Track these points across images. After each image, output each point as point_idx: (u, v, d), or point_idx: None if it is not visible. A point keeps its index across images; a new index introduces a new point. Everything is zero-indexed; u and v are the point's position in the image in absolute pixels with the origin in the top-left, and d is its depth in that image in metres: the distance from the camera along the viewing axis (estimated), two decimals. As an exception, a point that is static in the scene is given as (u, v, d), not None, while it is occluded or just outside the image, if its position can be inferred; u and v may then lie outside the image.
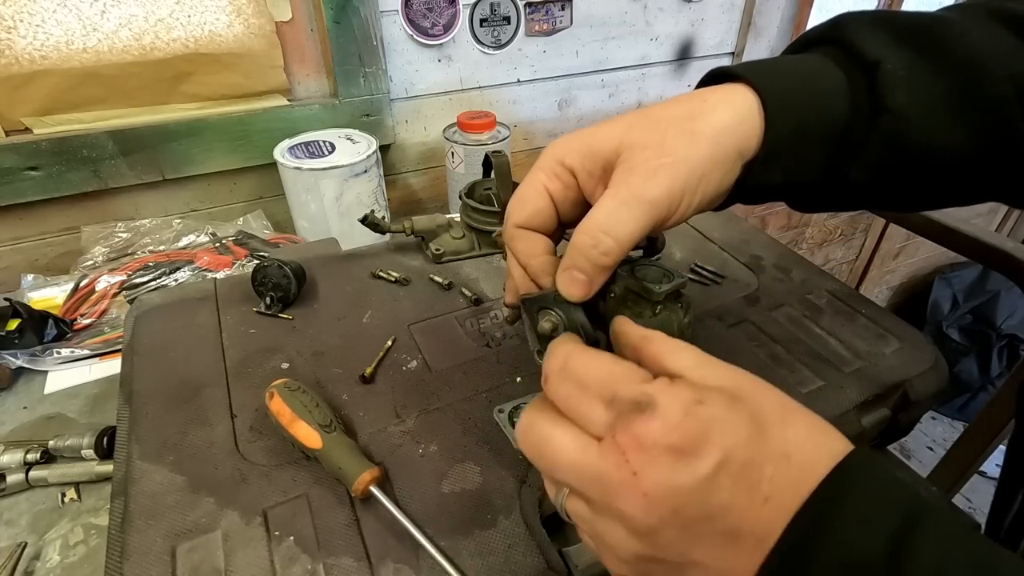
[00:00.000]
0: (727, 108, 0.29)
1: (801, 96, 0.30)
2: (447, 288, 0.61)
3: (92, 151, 0.79)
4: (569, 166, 0.30)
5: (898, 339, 0.54)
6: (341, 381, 0.50)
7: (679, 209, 0.28)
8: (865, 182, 0.31)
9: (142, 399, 0.48)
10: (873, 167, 0.30)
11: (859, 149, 0.30)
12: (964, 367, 2.02)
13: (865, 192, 0.32)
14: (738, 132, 0.29)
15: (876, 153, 0.30)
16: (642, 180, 0.27)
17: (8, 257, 0.84)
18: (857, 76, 0.30)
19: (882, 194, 0.32)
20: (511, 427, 0.44)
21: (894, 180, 0.31)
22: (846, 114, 0.30)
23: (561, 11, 1.03)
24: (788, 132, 0.29)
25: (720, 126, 0.28)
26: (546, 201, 0.31)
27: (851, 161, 0.30)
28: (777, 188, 0.31)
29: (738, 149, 0.29)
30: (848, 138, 0.30)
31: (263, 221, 0.91)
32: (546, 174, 0.31)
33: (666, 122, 0.29)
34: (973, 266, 2.04)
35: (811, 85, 0.30)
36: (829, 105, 0.30)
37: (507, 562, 0.37)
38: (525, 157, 1.17)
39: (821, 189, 0.32)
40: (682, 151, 0.28)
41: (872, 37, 0.30)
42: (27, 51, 0.74)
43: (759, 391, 0.24)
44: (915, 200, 0.34)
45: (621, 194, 0.28)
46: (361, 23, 0.87)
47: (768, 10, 1.20)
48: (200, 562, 0.36)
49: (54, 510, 0.52)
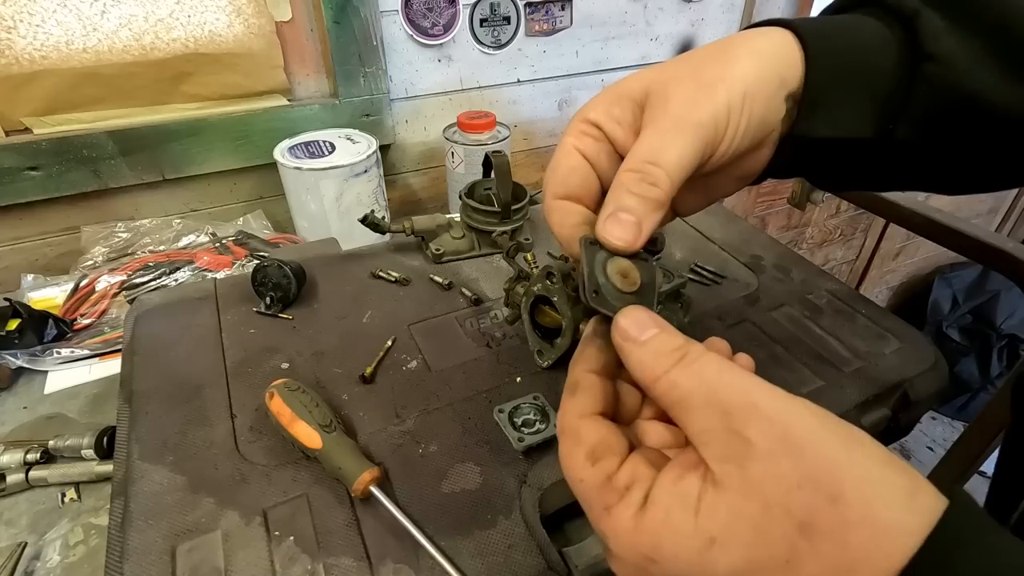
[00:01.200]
0: (762, 37, 0.28)
1: (840, 41, 0.28)
2: (447, 288, 0.61)
3: (92, 151, 0.79)
4: (595, 120, 0.28)
5: (898, 339, 0.54)
6: (341, 381, 0.50)
7: (727, 131, 0.26)
8: (914, 140, 0.29)
9: (142, 399, 0.48)
10: (921, 121, 0.28)
11: (905, 100, 0.28)
12: (964, 367, 2.02)
13: (914, 157, 0.30)
14: (777, 56, 0.27)
15: (923, 104, 0.28)
16: (682, 104, 0.25)
17: (8, 257, 0.84)
18: (896, 27, 0.28)
19: (932, 159, 0.30)
20: (511, 427, 0.44)
21: (944, 139, 0.29)
22: (888, 62, 0.28)
23: (561, 11, 1.03)
24: (830, 76, 0.28)
25: (757, 48, 0.27)
26: (578, 159, 0.28)
27: (899, 113, 0.28)
28: (824, 147, 0.29)
29: (779, 73, 0.27)
30: (893, 88, 0.28)
31: (263, 221, 0.91)
32: (573, 136, 0.28)
33: (698, 56, 0.27)
34: (973, 266, 2.04)
35: (849, 31, 0.29)
36: (870, 52, 0.28)
37: (507, 562, 0.37)
38: (525, 157, 1.17)
39: (868, 151, 0.30)
40: (720, 70, 0.26)
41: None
42: (27, 51, 0.74)
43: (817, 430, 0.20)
44: (966, 172, 0.31)
45: (662, 123, 0.25)
46: (361, 23, 0.87)
47: (768, 10, 1.21)
48: (200, 562, 0.36)
49: (54, 510, 0.52)
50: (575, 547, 0.39)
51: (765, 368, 0.50)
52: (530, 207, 0.68)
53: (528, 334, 0.51)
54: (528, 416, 0.45)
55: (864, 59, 0.28)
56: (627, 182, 0.25)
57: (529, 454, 0.43)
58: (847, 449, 0.19)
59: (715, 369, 0.22)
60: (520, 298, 0.50)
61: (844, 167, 0.31)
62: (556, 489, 0.41)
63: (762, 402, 0.20)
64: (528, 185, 0.68)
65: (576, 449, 0.23)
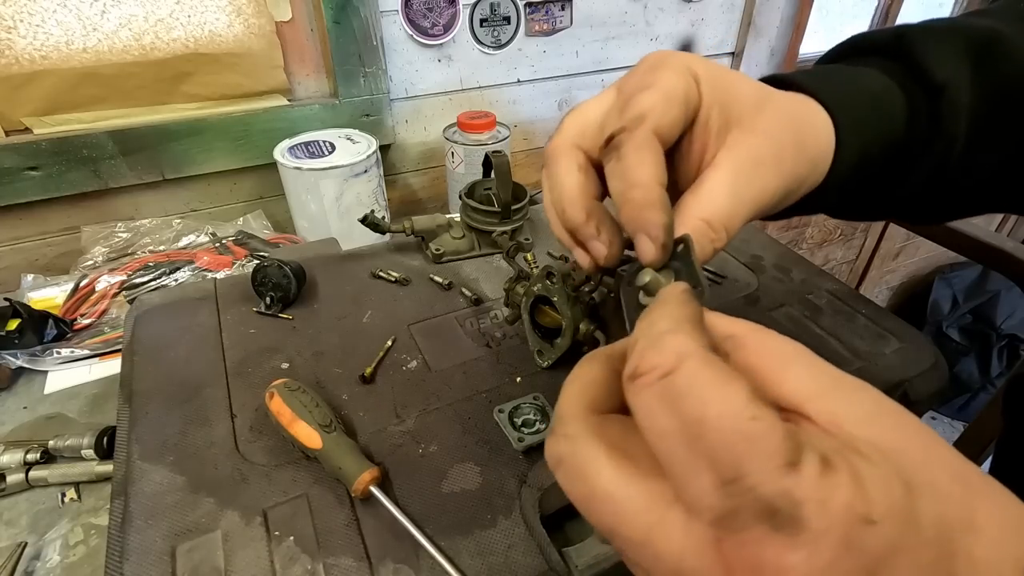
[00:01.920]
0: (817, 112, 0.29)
1: (870, 120, 0.30)
2: (447, 288, 0.61)
3: (92, 151, 0.79)
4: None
5: (898, 339, 0.54)
6: (341, 381, 0.50)
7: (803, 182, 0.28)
8: (906, 197, 0.32)
9: (142, 399, 0.48)
10: (918, 185, 0.31)
11: (910, 170, 0.31)
12: (964, 367, 2.02)
13: (901, 207, 0.33)
14: (793, 131, 0.28)
15: (925, 173, 0.30)
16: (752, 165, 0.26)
17: (8, 257, 0.84)
18: (920, 98, 0.30)
19: (916, 209, 0.34)
20: (511, 427, 0.44)
21: (932, 196, 0.32)
22: (903, 137, 0.30)
23: (561, 11, 1.03)
24: (854, 161, 0.29)
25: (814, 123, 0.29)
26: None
27: (901, 181, 0.31)
28: (827, 207, 0.32)
29: (798, 154, 0.28)
30: (902, 159, 0.31)
31: (263, 221, 0.91)
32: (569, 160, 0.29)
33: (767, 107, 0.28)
34: (973, 266, 2.04)
35: (878, 108, 0.30)
36: (892, 128, 0.30)
37: (507, 562, 0.37)
38: (525, 157, 1.17)
39: (865, 203, 0.33)
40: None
41: (938, 55, 0.30)
42: (27, 51, 0.74)
43: (932, 467, 0.16)
44: (945, 214, 0.35)
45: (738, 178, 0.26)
46: (361, 23, 0.87)
47: (768, 10, 1.21)
48: (200, 562, 0.36)
49: (54, 510, 0.52)
50: (575, 547, 0.39)
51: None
52: (530, 207, 0.68)
53: (528, 334, 0.51)
54: (528, 416, 0.45)
55: (884, 140, 0.30)
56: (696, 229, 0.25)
57: (529, 454, 0.43)
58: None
59: None
60: (520, 298, 0.50)
61: (838, 211, 0.35)
62: (556, 489, 0.41)
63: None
64: (528, 185, 0.68)
65: (733, 385, 0.16)
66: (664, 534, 0.16)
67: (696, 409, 0.15)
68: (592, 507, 0.18)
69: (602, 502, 0.17)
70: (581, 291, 0.46)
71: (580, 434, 0.18)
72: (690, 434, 0.15)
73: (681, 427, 0.16)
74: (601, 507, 0.17)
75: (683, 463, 0.16)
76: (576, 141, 0.28)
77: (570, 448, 0.18)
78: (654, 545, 0.16)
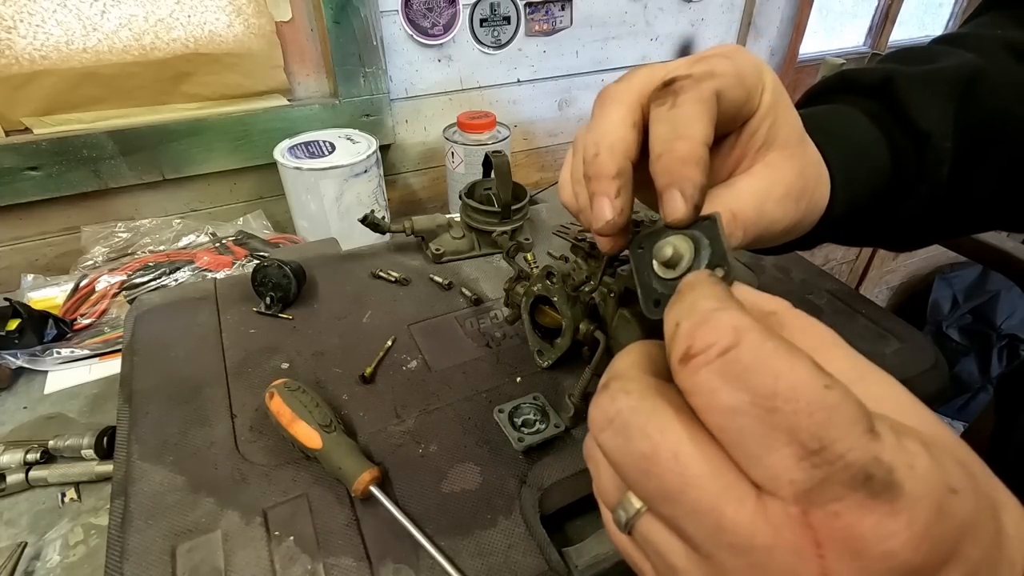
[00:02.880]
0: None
1: (860, 175, 0.31)
2: (447, 288, 0.61)
3: (92, 151, 0.79)
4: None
5: (898, 339, 0.54)
6: (341, 381, 0.50)
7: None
8: (893, 232, 0.35)
9: (142, 399, 0.48)
10: (902, 224, 0.34)
11: (894, 212, 0.33)
12: (964, 367, 2.02)
13: (888, 239, 0.36)
14: (813, 177, 0.29)
15: (909, 214, 0.33)
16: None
17: (8, 257, 0.84)
18: (906, 145, 0.32)
19: (904, 240, 0.37)
20: (511, 427, 0.44)
21: (918, 229, 0.35)
22: (889, 182, 0.32)
23: (561, 11, 1.03)
24: (843, 211, 0.31)
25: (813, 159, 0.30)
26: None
27: (885, 223, 0.34)
28: (813, 244, 0.34)
29: (810, 198, 0.29)
30: (888, 201, 0.33)
31: (263, 221, 0.91)
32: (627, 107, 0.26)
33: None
34: (973, 266, 2.04)
35: (868, 162, 0.32)
36: (879, 179, 0.32)
37: (507, 562, 0.37)
38: (525, 157, 1.17)
39: (853, 240, 0.36)
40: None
41: (922, 103, 0.32)
42: (27, 51, 0.74)
43: (967, 448, 0.16)
44: (933, 239, 0.38)
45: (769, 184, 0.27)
46: (361, 23, 0.87)
47: (768, 10, 1.21)
48: (200, 562, 0.36)
49: (54, 510, 0.52)
50: (575, 547, 0.39)
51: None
52: (530, 207, 0.68)
53: (528, 334, 0.51)
54: (528, 416, 0.45)
55: (871, 190, 0.32)
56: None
57: (529, 454, 0.43)
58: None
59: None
60: (520, 298, 0.50)
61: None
62: (556, 489, 0.41)
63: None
64: (528, 185, 0.68)
65: (800, 356, 0.15)
66: (736, 503, 0.15)
67: (767, 382, 0.15)
68: (652, 467, 0.16)
69: (668, 462, 0.16)
70: (581, 291, 0.46)
71: (643, 390, 0.18)
72: (764, 407, 0.15)
73: (752, 401, 0.15)
74: (665, 467, 0.16)
75: (758, 439, 0.15)
76: (639, 96, 0.25)
77: (631, 403, 0.17)
78: (723, 514, 0.15)
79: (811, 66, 1.38)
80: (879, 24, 1.51)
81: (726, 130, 0.27)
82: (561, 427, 0.44)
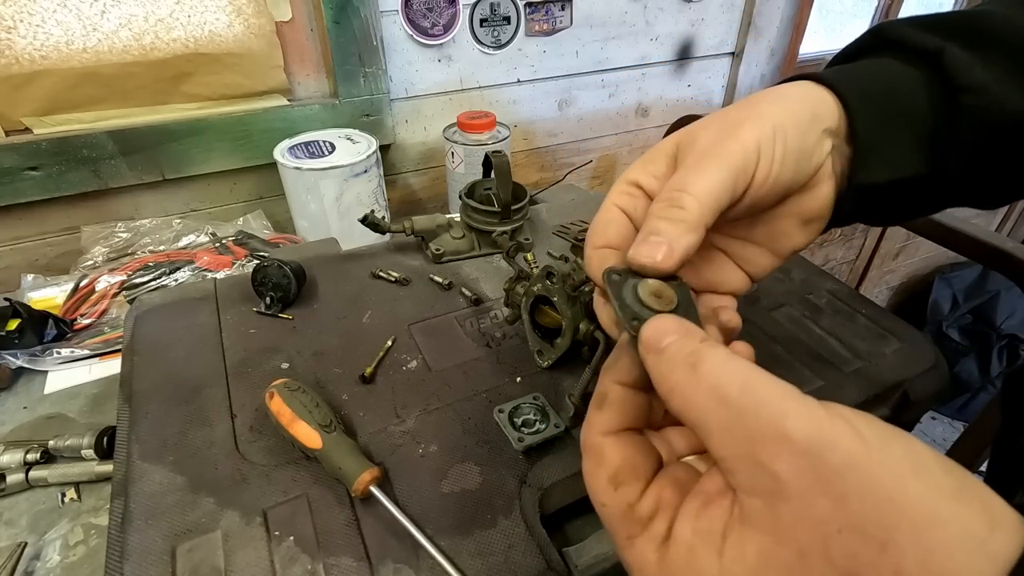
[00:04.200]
0: (787, 87, 0.29)
1: (872, 86, 0.29)
2: (447, 288, 0.61)
3: (92, 151, 0.79)
4: (634, 180, 0.28)
5: (898, 339, 0.54)
6: (341, 381, 0.50)
7: (761, 161, 0.26)
8: (967, 169, 0.29)
9: (142, 399, 0.48)
10: (970, 150, 0.29)
11: (951, 134, 0.29)
12: (964, 367, 2.02)
13: (969, 183, 0.30)
14: (806, 98, 0.28)
15: (969, 134, 0.28)
16: (709, 142, 0.26)
17: (8, 257, 0.84)
18: (922, 66, 0.29)
19: (981, 181, 0.31)
20: (511, 427, 0.44)
21: (994, 163, 0.29)
22: (924, 100, 0.29)
23: (561, 11, 1.03)
24: (875, 124, 0.28)
25: (783, 94, 0.28)
26: (616, 213, 0.28)
27: (948, 147, 0.29)
28: (886, 191, 0.30)
29: (811, 110, 0.27)
30: (936, 124, 0.29)
31: (263, 221, 0.91)
32: (614, 195, 0.29)
33: (725, 109, 0.28)
34: (973, 266, 2.04)
35: (877, 75, 0.29)
36: (904, 93, 0.29)
37: (507, 562, 0.37)
38: (525, 157, 1.17)
39: (927, 187, 0.30)
40: (745, 113, 0.27)
41: (922, 32, 0.29)
42: (27, 51, 0.74)
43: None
44: (1011, 188, 0.32)
45: (689, 160, 0.26)
46: (361, 23, 0.87)
47: (768, 10, 1.20)
48: (200, 562, 0.36)
49: (54, 510, 0.52)
50: (575, 547, 0.39)
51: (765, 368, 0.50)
52: (530, 207, 0.68)
53: (528, 334, 0.51)
54: (528, 416, 0.45)
55: (901, 100, 0.29)
56: (656, 210, 0.25)
57: (529, 454, 0.43)
58: (902, 482, 0.16)
59: (737, 382, 0.19)
60: (520, 298, 0.50)
61: (901, 204, 0.32)
62: (556, 489, 0.41)
63: (793, 428, 0.17)
64: (528, 185, 0.68)
65: (598, 470, 0.22)
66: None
67: (598, 448, 0.23)
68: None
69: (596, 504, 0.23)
70: (581, 291, 0.46)
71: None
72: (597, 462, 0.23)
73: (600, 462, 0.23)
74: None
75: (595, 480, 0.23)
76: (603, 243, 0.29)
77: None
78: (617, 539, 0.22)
79: (811, 66, 1.38)
80: (879, 24, 1.51)
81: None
82: (561, 427, 0.44)
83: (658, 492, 0.21)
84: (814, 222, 0.30)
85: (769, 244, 0.31)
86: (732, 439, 0.18)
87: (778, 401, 0.18)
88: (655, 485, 0.21)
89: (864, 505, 0.16)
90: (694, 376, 0.19)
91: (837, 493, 0.16)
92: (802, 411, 0.17)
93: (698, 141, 0.27)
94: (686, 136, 0.28)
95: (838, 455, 0.16)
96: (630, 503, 0.21)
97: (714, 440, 0.18)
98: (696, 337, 0.21)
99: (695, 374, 0.19)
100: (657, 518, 0.20)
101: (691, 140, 0.27)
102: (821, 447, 0.17)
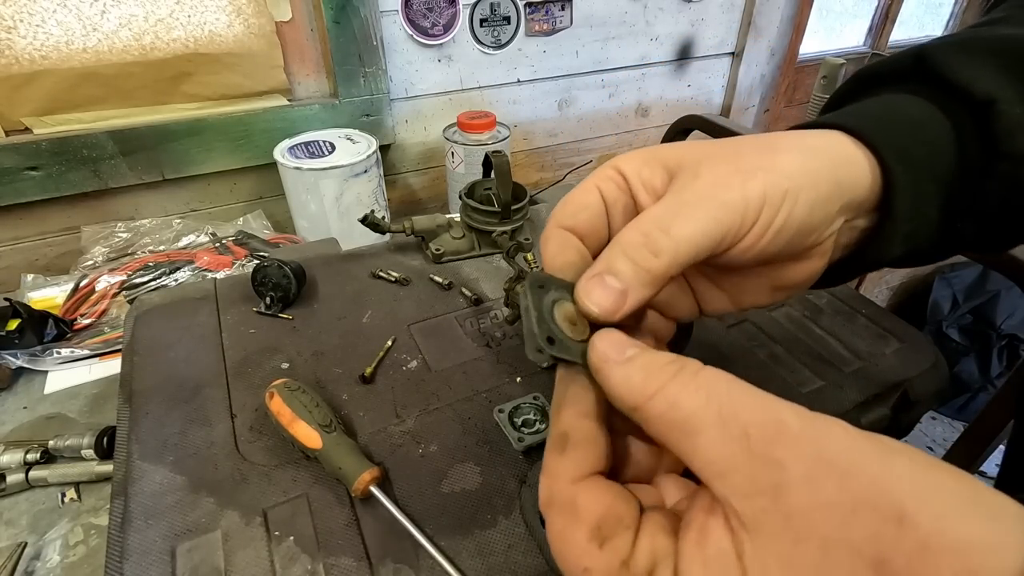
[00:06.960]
0: (821, 134, 0.25)
1: (916, 149, 0.25)
2: (447, 288, 0.61)
3: (92, 151, 0.79)
4: (623, 171, 0.25)
5: (898, 339, 0.54)
6: (341, 381, 0.50)
7: (756, 226, 0.22)
8: (977, 232, 0.27)
9: (142, 399, 0.48)
10: (988, 216, 0.27)
11: (973, 200, 0.26)
12: (964, 367, 2.02)
13: (973, 242, 0.28)
14: (838, 158, 0.24)
15: (993, 201, 0.26)
16: (712, 183, 0.22)
17: (8, 257, 0.84)
18: (964, 118, 0.25)
19: (995, 242, 0.29)
20: (511, 427, 0.44)
21: (1008, 226, 0.27)
22: (957, 163, 0.26)
23: (561, 11, 1.03)
24: (912, 200, 0.25)
25: (813, 141, 0.24)
26: (595, 198, 0.25)
27: (965, 214, 0.27)
28: (894, 261, 0.27)
29: (835, 178, 0.23)
30: (963, 190, 0.26)
31: (263, 221, 0.91)
32: (600, 177, 0.26)
33: (742, 142, 0.24)
34: (973, 266, 2.04)
35: (920, 134, 0.25)
36: (940, 156, 0.25)
37: (507, 562, 0.37)
38: (525, 157, 1.17)
39: (933, 251, 0.28)
40: (763, 160, 0.23)
41: (972, 69, 0.26)
42: (27, 51, 0.74)
43: None
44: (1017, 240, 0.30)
45: (684, 195, 0.22)
46: (361, 23, 0.87)
47: (768, 10, 1.21)
48: (200, 562, 0.36)
49: (54, 510, 0.52)
50: (575, 547, 0.39)
51: (765, 368, 0.50)
52: (530, 207, 0.68)
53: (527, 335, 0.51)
54: (528, 416, 0.45)
55: (937, 166, 0.25)
56: (627, 243, 0.21)
57: (529, 454, 0.43)
58: (887, 461, 0.16)
59: (724, 382, 0.18)
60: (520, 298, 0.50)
61: (909, 263, 0.29)
62: (556, 489, 0.41)
63: (789, 419, 0.17)
64: (528, 185, 0.68)
65: (574, 527, 0.18)
66: None
67: (566, 494, 0.20)
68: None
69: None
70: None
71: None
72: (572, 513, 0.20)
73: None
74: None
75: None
76: (571, 225, 0.26)
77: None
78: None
79: (811, 66, 1.38)
80: (879, 24, 1.51)
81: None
82: (561, 427, 0.44)
83: (651, 540, 0.18)
84: (789, 291, 0.27)
85: (731, 293, 0.28)
86: (727, 436, 0.17)
87: (768, 398, 0.18)
88: (646, 533, 0.18)
89: (867, 480, 0.15)
90: (682, 380, 0.18)
91: (841, 471, 0.15)
92: (792, 407, 0.17)
93: (701, 175, 0.23)
94: (691, 157, 0.24)
95: (834, 440, 0.16)
96: (623, 560, 0.18)
97: (704, 438, 0.17)
98: (665, 352, 0.20)
99: (680, 376, 0.18)
100: (659, 570, 0.18)
101: (694, 167, 0.23)
102: (817, 433, 0.16)
